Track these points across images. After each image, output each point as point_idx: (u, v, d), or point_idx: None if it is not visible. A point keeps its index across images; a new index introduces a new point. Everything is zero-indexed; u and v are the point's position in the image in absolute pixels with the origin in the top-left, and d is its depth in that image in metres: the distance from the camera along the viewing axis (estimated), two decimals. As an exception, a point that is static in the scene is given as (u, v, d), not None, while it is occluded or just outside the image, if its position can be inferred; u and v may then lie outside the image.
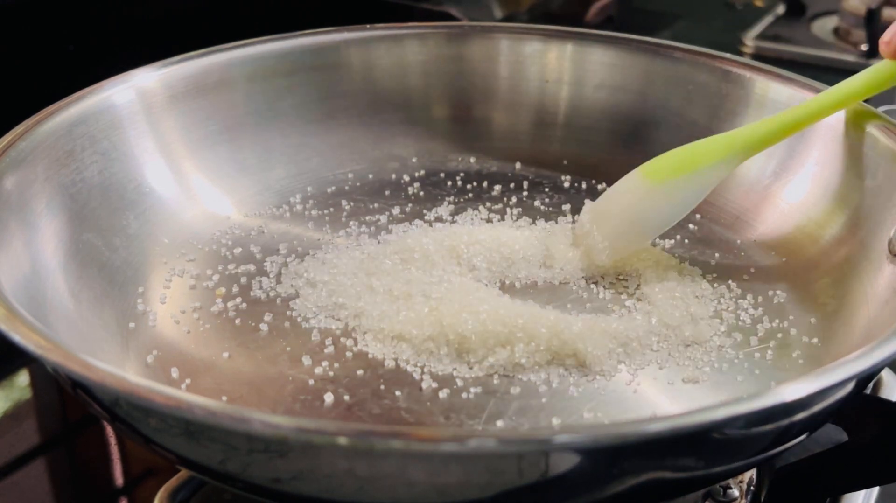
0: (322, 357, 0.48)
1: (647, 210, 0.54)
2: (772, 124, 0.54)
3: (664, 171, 0.54)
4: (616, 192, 0.56)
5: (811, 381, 0.35)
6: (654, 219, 0.54)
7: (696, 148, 0.55)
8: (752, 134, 0.54)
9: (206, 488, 0.47)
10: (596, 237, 0.55)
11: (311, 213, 0.61)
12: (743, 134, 0.54)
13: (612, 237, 0.55)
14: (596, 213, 0.56)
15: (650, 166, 0.55)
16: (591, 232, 0.55)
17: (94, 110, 0.56)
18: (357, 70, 0.66)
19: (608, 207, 0.56)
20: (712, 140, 0.55)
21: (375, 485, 0.35)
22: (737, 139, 0.54)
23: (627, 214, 0.55)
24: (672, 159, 0.55)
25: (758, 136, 0.54)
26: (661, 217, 0.54)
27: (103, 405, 0.38)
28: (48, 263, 0.48)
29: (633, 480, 0.36)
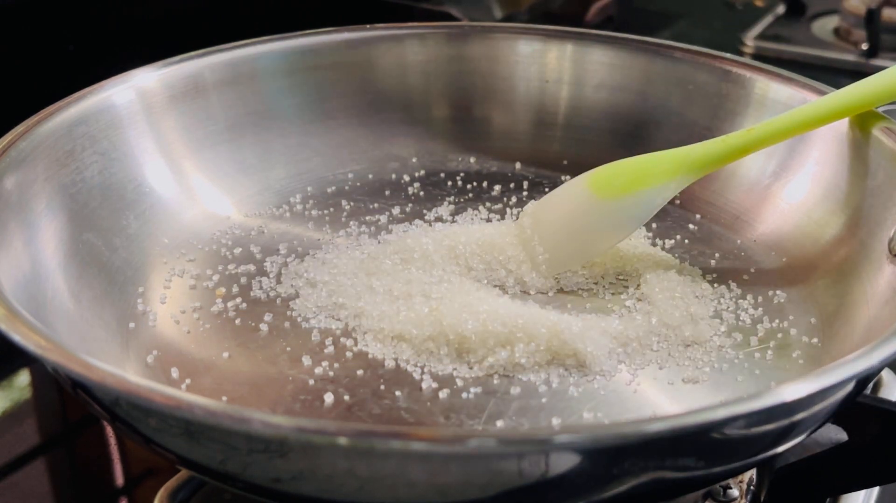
0: (322, 357, 0.48)
1: (592, 225, 0.52)
2: (722, 143, 0.52)
3: (613, 186, 0.52)
4: (560, 199, 0.54)
5: (811, 381, 0.35)
6: (598, 236, 0.53)
7: (647, 163, 0.52)
8: (706, 152, 0.52)
9: (206, 488, 0.47)
10: (536, 247, 0.53)
11: (311, 213, 0.61)
12: (696, 151, 0.52)
13: (552, 249, 0.53)
14: (537, 218, 0.54)
15: (597, 177, 0.53)
16: (531, 239, 0.54)
17: (94, 110, 0.56)
18: (357, 70, 0.66)
19: (551, 216, 0.54)
20: (663, 155, 0.53)
21: (375, 485, 0.35)
22: (691, 156, 0.52)
23: (570, 228, 0.53)
24: (621, 173, 0.52)
25: (711, 155, 0.52)
26: (604, 235, 0.52)
27: (103, 405, 0.38)
28: (48, 263, 0.48)
29: (633, 480, 0.35)
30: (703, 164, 0.52)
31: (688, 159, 0.52)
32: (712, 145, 0.52)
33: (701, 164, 0.52)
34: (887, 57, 0.98)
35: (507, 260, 0.55)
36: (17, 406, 0.59)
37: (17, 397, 0.59)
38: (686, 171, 0.52)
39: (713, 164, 0.52)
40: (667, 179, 0.51)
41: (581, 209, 0.53)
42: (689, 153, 0.52)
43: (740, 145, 0.52)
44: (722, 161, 0.52)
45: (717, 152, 0.52)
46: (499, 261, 0.55)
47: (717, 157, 0.52)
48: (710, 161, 0.52)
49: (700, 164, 0.52)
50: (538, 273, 0.53)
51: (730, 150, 0.52)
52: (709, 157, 0.52)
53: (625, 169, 0.53)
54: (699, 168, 0.52)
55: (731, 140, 0.52)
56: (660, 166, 0.52)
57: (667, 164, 0.52)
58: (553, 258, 0.53)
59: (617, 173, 0.52)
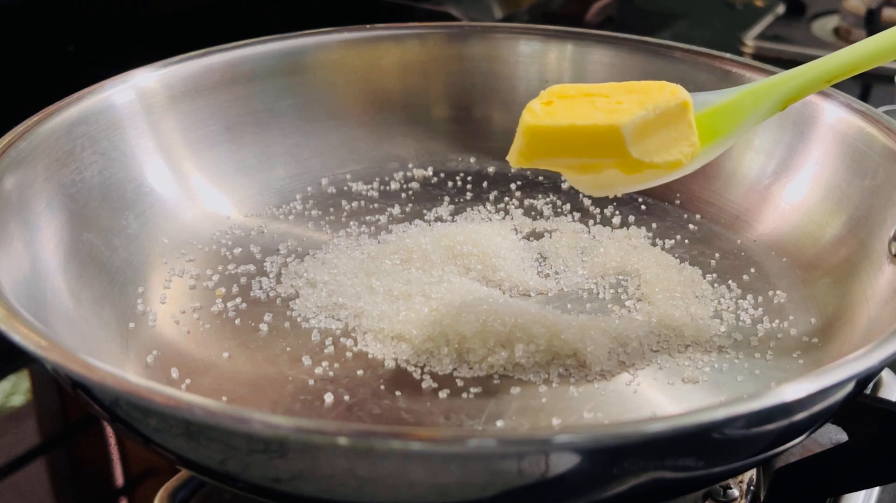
0: (322, 357, 0.48)
1: None
2: (811, 70, 0.46)
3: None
4: None
5: (811, 381, 0.35)
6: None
7: (733, 103, 0.47)
8: (794, 80, 0.46)
9: (206, 488, 0.47)
10: None
11: (311, 213, 0.61)
12: (784, 82, 0.47)
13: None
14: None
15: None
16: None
17: (94, 110, 0.56)
18: (357, 70, 0.66)
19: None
20: (749, 92, 0.47)
21: (375, 485, 0.35)
22: (777, 88, 0.47)
23: None
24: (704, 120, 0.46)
25: (801, 84, 0.46)
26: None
27: (103, 405, 0.38)
28: (48, 263, 0.48)
29: (633, 480, 0.35)
30: (792, 95, 0.47)
31: (776, 89, 0.47)
32: (800, 73, 0.47)
33: (791, 93, 0.47)
34: (887, 57, 0.98)
35: (506, 261, 0.55)
36: (17, 406, 0.59)
37: (17, 397, 0.59)
38: (772, 104, 0.47)
39: (803, 90, 0.47)
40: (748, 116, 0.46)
41: None
42: (776, 84, 0.47)
43: (834, 68, 0.46)
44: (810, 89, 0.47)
45: (808, 79, 0.46)
46: (498, 261, 0.55)
47: (807, 84, 0.47)
48: (802, 88, 0.47)
49: (790, 94, 0.47)
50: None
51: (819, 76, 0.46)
52: (799, 84, 0.47)
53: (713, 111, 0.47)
54: (786, 99, 0.47)
55: (818, 67, 0.46)
56: (744, 103, 0.47)
57: (751, 99, 0.47)
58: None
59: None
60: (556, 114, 0.45)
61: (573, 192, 0.64)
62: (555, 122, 0.44)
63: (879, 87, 0.94)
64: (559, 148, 0.45)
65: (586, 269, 0.55)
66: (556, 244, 0.58)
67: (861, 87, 0.96)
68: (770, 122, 0.58)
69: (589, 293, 0.54)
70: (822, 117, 0.57)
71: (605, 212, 0.61)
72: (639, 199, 0.62)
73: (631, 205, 0.62)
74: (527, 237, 0.59)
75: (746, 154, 0.60)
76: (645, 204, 0.62)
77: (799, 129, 0.58)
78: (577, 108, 0.45)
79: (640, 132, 0.45)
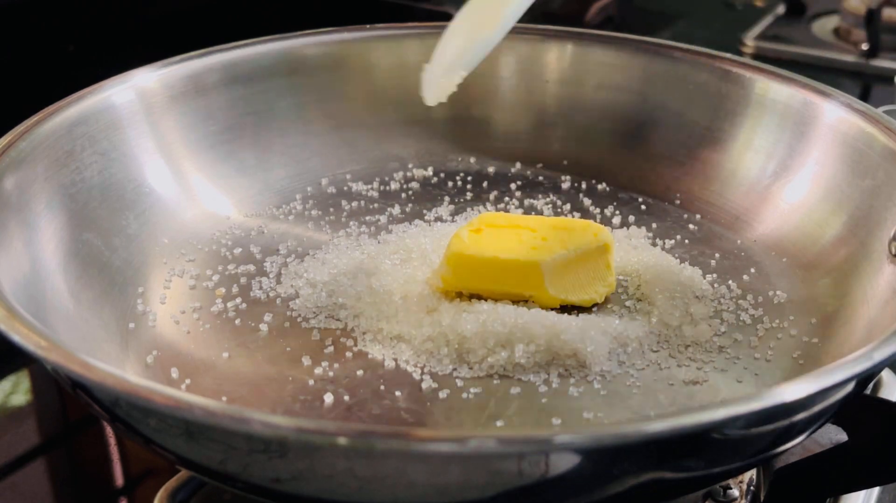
0: (322, 357, 0.48)
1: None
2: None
3: None
4: None
5: (811, 382, 0.35)
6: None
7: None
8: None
9: (206, 488, 0.47)
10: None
11: (311, 213, 0.61)
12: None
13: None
14: None
15: None
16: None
17: (94, 110, 0.56)
18: (357, 70, 0.66)
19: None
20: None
21: (375, 485, 0.35)
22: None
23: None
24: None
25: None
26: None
27: (103, 405, 0.38)
28: (48, 263, 0.48)
29: (633, 480, 0.35)
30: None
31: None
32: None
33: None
34: (887, 57, 0.98)
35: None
36: (17, 406, 0.59)
37: (17, 397, 0.59)
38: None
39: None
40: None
41: None
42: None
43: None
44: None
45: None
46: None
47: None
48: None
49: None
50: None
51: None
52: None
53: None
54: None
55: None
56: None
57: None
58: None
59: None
60: (481, 244, 0.49)
61: (573, 192, 0.64)
62: (479, 252, 0.49)
63: (879, 87, 0.95)
64: (481, 276, 0.50)
65: None
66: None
67: (861, 87, 0.96)
68: (770, 122, 0.59)
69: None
70: (822, 117, 0.57)
71: (606, 212, 0.61)
72: (639, 198, 0.62)
73: (631, 205, 0.62)
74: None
75: (746, 154, 0.60)
76: (645, 204, 0.62)
77: (799, 129, 0.58)
78: (502, 241, 0.50)
79: (559, 270, 0.50)
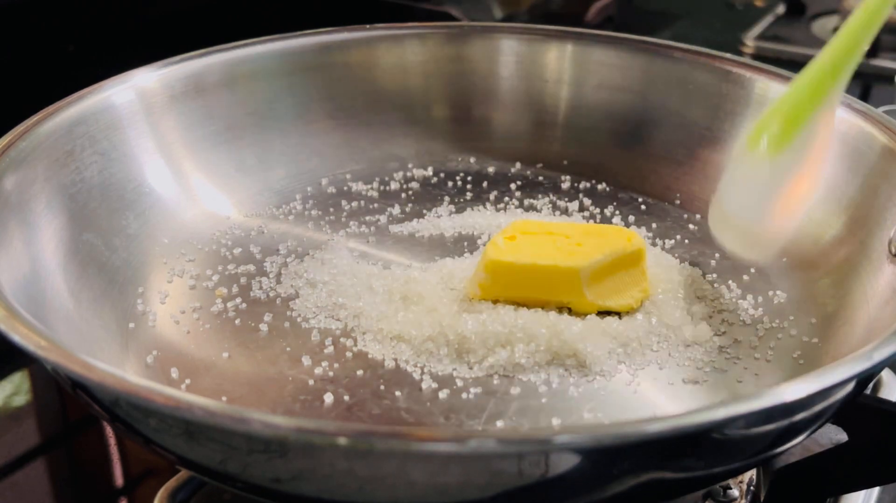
0: (322, 357, 0.48)
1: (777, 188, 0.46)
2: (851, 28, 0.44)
3: (776, 139, 0.45)
4: (735, 183, 0.48)
5: (811, 381, 0.35)
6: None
7: (793, 96, 0.45)
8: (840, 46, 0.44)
9: (206, 488, 0.47)
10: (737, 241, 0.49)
11: (311, 213, 0.61)
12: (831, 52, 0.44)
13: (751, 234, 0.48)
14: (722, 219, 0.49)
15: (753, 138, 0.46)
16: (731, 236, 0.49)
17: (94, 110, 0.56)
18: (357, 70, 0.66)
19: (735, 207, 0.48)
20: (803, 77, 0.45)
21: (375, 485, 0.35)
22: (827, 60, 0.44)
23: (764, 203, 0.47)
24: (774, 121, 0.45)
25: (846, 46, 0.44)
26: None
27: (103, 405, 0.38)
28: (48, 263, 0.48)
29: (633, 480, 0.35)
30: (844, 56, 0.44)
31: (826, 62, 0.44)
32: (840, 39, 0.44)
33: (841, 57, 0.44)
34: (887, 57, 0.98)
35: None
36: (17, 406, 0.58)
37: (18, 397, 0.59)
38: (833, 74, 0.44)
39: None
40: (823, 95, 0.44)
41: (763, 178, 0.46)
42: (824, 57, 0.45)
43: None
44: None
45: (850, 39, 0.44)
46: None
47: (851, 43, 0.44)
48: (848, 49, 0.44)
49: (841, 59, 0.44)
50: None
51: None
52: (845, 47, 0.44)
53: (775, 114, 0.46)
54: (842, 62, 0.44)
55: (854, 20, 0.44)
56: (807, 88, 0.45)
57: (811, 79, 0.45)
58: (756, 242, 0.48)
59: (769, 123, 0.45)
60: (518, 250, 0.49)
61: (573, 192, 0.64)
62: (517, 258, 0.49)
63: (879, 87, 0.94)
64: (519, 283, 0.49)
65: None
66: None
67: (861, 87, 0.96)
68: None
69: None
70: None
71: (606, 212, 0.61)
72: (639, 199, 0.62)
73: (631, 205, 0.62)
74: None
75: None
76: (645, 204, 0.62)
77: None
78: (538, 247, 0.49)
79: (596, 275, 0.49)
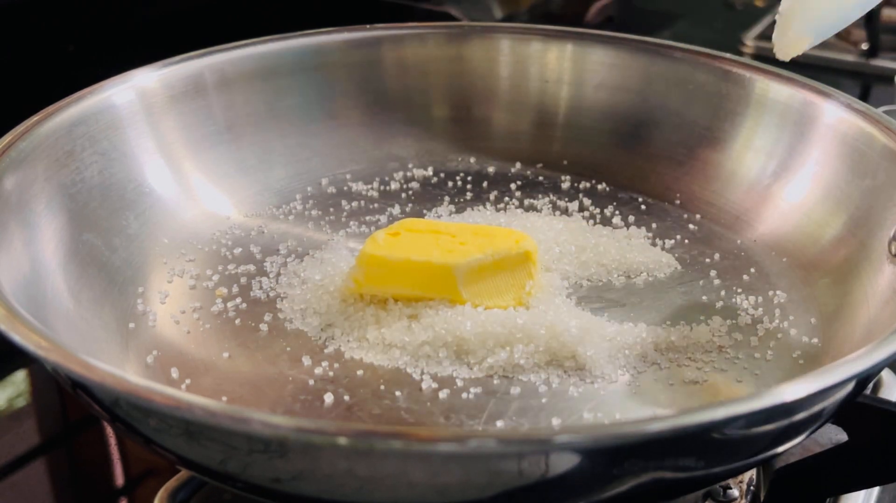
0: (322, 357, 0.48)
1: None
2: None
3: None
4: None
5: (811, 381, 0.35)
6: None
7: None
8: None
9: (206, 488, 0.47)
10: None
11: (311, 213, 0.61)
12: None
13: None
14: None
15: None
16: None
17: (94, 110, 0.56)
18: (357, 70, 0.66)
19: None
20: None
21: (375, 485, 0.35)
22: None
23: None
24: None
25: None
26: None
27: (103, 405, 0.38)
28: (48, 263, 0.48)
29: (633, 480, 0.35)
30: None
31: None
32: None
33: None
34: (887, 57, 0.98)
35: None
36: (17, 406, 0.58)
37: (17, 397, 0.59)
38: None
39: None
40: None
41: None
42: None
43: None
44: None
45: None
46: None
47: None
48: None
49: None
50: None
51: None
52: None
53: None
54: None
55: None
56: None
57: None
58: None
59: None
60: (396, 246, 0.49)
61: (573, 192, 0.64)
62: (391, 254, 0.49)
63: (879, 87, 0.94)
64: (393, 278, 0.49)
65: (586, 270, 0.55)
66: (555, 244, 0.57)
67: (861, 86, 0.96)
68: (770, 122, 0.59)
69: (589, 293, 0.53)
70: (822, 117, 0.56)
71: (605, 212, 0.61)
72: (639, 198, 0.62)
73: (631, 205, 0.62)
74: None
75: (746, 154, 0.60)
76: (645, 204, 0.62)
77: (799, 129, 0.58)
78: (418, 244, 0.49)
79: (474, 274, 0.49)
